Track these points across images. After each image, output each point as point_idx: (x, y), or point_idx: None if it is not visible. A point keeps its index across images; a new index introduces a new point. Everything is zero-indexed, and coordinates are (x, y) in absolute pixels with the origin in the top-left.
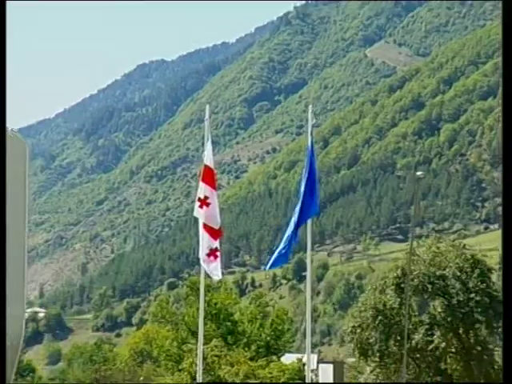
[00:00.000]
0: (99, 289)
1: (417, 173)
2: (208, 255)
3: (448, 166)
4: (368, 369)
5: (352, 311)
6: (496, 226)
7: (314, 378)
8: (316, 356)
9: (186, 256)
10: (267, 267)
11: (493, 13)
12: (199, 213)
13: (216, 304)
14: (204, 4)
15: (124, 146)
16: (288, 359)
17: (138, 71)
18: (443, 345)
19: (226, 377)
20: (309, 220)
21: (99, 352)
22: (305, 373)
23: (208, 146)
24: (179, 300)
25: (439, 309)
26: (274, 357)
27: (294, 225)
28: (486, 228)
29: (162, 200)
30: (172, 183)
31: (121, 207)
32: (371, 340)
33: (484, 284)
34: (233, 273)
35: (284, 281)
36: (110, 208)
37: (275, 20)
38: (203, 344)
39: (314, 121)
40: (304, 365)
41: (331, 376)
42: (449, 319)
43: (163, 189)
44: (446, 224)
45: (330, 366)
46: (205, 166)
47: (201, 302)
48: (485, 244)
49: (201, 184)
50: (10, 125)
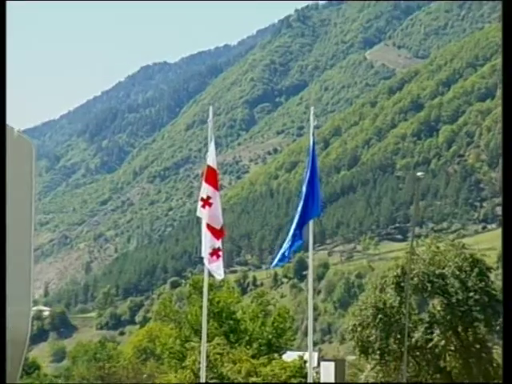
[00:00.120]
0: (103, 287)
1: (417, 173)
2: (211, 254)
3: (447, 167)
4: (368, 366)
5: (353, 310)
6: (494, 226)
7: (316, 376)
8: (317, 354)
9: (189, 255)
10: (272, 266)
11: (491, 16)
12: (202, 213)
13: (218, 302)
14: (206, 7)
15: (127, 147)
16: (289, 357)
17: (142, 73)
18: (442, 343)
19: (229, 374)
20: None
21: (103, 350)
22: (306, 370)
23: (211, 147)
24: (182, 298)
25: (439, 307)
26: (276, 354)
27: (296, 225)
28: (484, 228)
29: (165, 200)
30: (175, 183)
31: (124, 207)
32: (371, 338)
33: (483, 283)
34: (235, 272)
35: (285, 279)
36: (114, 208)
37: (276, 23)
38: (206, 342)
39: (316, 122)
40: (305, 362)
41: (333, 374)
42: (448, 317)
43: (166, 189)
44: (445, 224)
45: (332, 364)
46: (208, 167)
47: (204, 301)
48: (483, 243)
49: (204, 184)
50: (15, 126)
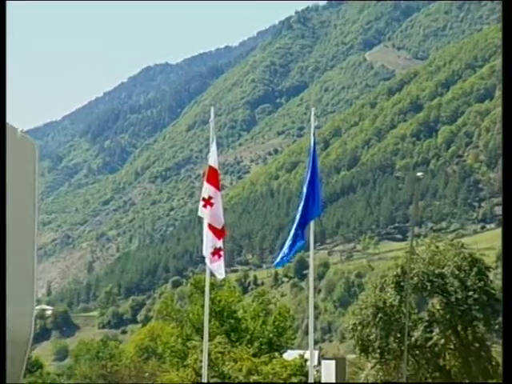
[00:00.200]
0: (105, 287)
1: (416, 173)
2: (212, 254)
3: (446, 167)
4: (369, 365)
5: (353, 309)
6: (493, 226)
7: (316, 374)
8: (317, 352)
9: (190, 255)
10: (275, 264)
11: (489, 17)
12: (203, 212)
13: (220, 302)
14: (208, 9)
15: (129, 148)
16: (290, 355)
17: (143, 74)
18: (442, 341)
19: (230, 373)
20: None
21: (105, 348)
22: (307, 369)
23: (213, 147)
24: (183, 298)
25: (438, 306)
26: (277, 353)
27: (298, 225)
28: (483, 227)
29: (167, 200)
30: (176, 184)
31: (126, 207)
32: (372, 337)
33: (482, 282)
34: (236, 271)
35: (286, 279)
36: (116, 208)
37: (277, 24)
38: (207, 341)
39: (316, 123)
40: (306, 361)
41: (333, 372)
42: (447, 316)
43: (167, 189)
44: (444, 223)
45: (333, 363)
46: (209, 167)
47: (206, 300)
48: (481, 243)
49: (205, 184)
50: (18, 127)
